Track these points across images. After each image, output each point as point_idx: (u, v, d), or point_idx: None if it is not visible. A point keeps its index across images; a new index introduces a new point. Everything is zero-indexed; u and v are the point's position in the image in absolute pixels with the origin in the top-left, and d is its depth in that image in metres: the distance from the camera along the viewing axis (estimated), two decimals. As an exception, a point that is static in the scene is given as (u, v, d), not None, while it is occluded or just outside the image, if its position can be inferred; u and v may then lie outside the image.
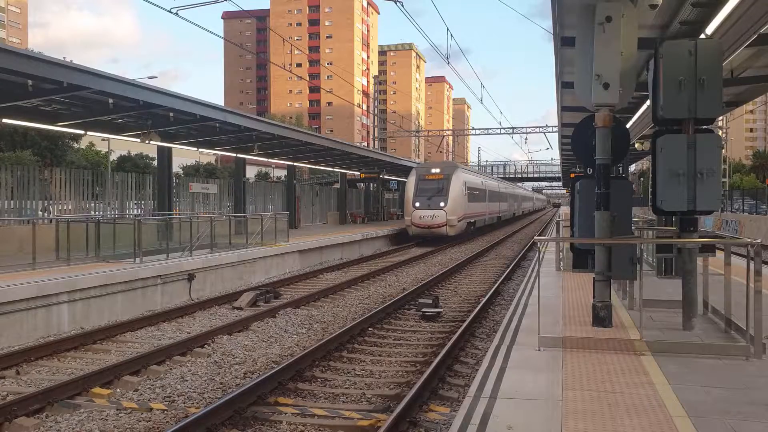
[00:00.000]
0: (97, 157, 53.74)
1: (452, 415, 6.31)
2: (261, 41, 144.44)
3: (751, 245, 6.52)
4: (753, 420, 4.74)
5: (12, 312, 10.18)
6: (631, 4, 7.39)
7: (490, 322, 11.80)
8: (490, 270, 20.39)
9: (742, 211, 39.00)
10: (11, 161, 32.26)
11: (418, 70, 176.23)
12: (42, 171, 20.00)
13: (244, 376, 8.28)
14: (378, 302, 13.96)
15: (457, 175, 31.68)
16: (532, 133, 64.35)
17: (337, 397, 7.42)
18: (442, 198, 30.46)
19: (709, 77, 7.09)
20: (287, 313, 12.54)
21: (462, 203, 31.63)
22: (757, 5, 8.47)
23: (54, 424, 6.58)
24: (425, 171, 32.28)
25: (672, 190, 7.17)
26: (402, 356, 9.39)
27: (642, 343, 6.76)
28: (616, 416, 4.82)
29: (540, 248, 9.61)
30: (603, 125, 7.50)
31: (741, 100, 16.45)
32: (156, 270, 13.56)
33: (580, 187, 8.27)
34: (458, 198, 31.17)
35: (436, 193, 30.60)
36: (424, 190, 31.04)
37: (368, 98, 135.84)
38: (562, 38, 10.63)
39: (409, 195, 31.43)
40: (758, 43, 10.14)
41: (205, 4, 19.26)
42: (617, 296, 9.85)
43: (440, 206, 30.18)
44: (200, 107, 16.71)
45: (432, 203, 30.37)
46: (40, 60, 12.10)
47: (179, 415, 6.77)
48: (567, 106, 17.82)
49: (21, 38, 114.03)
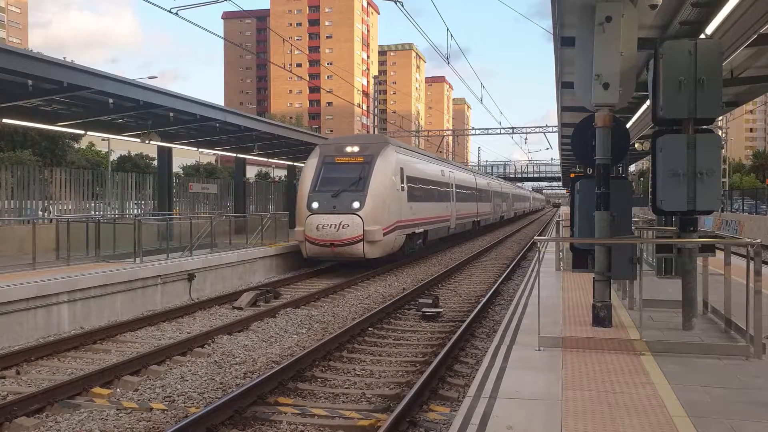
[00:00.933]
0: (97, 157, 53.78)
1: (452, 415, 6.31)
2: (261, 41, 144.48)
3: (751, 245, 6.52)
4: (753, 420, 4.74)
5: (12, 312, 10.18)
6: (631, 4, 7.40)
7: (490, 322, 11.80)
8: (489, 270, 20.39)
9: (742, 211, 38.97)
10: (11, 161, 32.27)
11: (418, 70, 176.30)
12: (42, 171, 20.01)
13: (244, 375, 8.28)
14: (378, 302, 13.97)
15: (386, 157, 19.28)
16: (532, 133, 64.50)
17: (337, 396, 7.42)
18: (358, 194, 18.22)
19: (709, 77, 7.09)
20: (287, 312, 12.54)
21: (394, 203, 19.27)
22: (757, 5, 8.48)
23: (54, 424, 6.58)
24: (334, 150, 19.79)
25: (672, 190, 7.17)
26: (402, 356, 9.40)
27: (642, 343, 6.76)
28: (615, 416, 4.83)
29: (540, 248, 9.61)
30: (603, 125, 7.51)
31: (741, 100, 16.46)
32: (156, 270, 13.56)
33: (580, 187, 8.27)
34: (387, 194, 18.86)
35: (348, 185, 18.53)
36: (328, 182, 18.89)
37: (368, 98, 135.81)
38: (562, 38, 10.64)
39: (303, 190, 19.15)
40: (758, 43, 10.14)
41: (205, 4, 19.30)
42: (617, 296, 9.85)
43: (353, 208, 17.98)
44: (200, 107, 16.71)
45: (340, 203, 18.21)
46: (40, 60, 12.10)
47: (179, 414, 6.77)
48: (567, 106, 17.83)
49: (21, 38, 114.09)
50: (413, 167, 22.36)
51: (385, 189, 18.87)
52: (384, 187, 18.86)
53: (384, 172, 19.07)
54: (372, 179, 18.66)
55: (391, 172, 19.44)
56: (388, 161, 19.46)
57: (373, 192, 18.42)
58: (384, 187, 18.87)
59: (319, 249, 18.21)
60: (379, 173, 18.89)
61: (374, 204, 18.31)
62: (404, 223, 20.28)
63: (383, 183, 18.92)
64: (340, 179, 18.87)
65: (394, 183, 19.48)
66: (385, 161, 19.28)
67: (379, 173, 18.88)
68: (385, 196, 18.79)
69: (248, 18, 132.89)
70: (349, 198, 18.30)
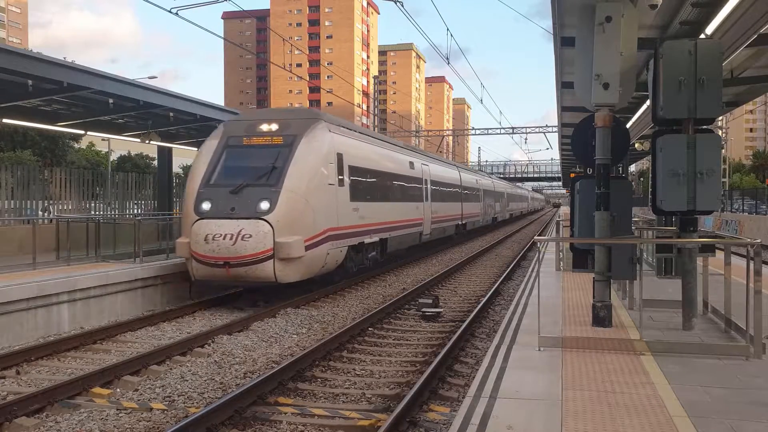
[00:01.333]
0: (97, 157, 53.83)
1: (452, 415, 6.30)
2: (261, 41, 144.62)
3: (751, 245, 6.52)
4: (753, 420, 4.74)
5: (13, 312, 10.18)
6: (631, 5, 7.40)
7: (490, 322, 11.80)
8: (489, 270, 20.39)
9: (742, 211, 38.97)
10: (11, 161, 32.28)
11: (418, 70, 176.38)
12: (42, 171, 20.01)
13: (244, 375, 8.28)
14: (378, 302, 13.96)
15: (314, 138, 13.85)
16: (532, 133, 64.57)
17: (337, 396, 7.42)
18: (268, 190, 12.78)
19: (708, 77, 7.09)
20: (287, 312, 12.53)
21: (324, 203, 13.75)
22: (757, 5, 8.48)
23: (54, 424, 6.58)
24: (244, 129, 14.23)
25: (672, 190, 7.18)
26: (402, 356, 9.40)
27: (642, 343, 6.76)
28: (615, 416, 4.83)
29: (540, 248, 9.62)
30: (603, 125, 7.51)
31: (741, 100, 16.46)
32: (156, 270, 13.54)
33: (580, 187, 8.28)
34: (313, 190, 13.44)
35: (255, 178, 13.10)
36: (228, 173, 13.45)
37: (368, 98, 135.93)
38: (562, 38, 10.64)
39: (192, 184, 13.55)
40: (758, 43, 10.14)
41: (205, 4, 19.28)
42: (617, 296, 9.86)
43: (259, 211, 12.56)
44: (200, 107, 16.71)
45: (241, 204, 12.71)
46: (40, 60, 12.11)
47: (179, 414, 6.77)
48: (567, 106, 17.83)
49: (21, 38, 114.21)
50: (360, 154, 16.40)
51: (310, 183, 13.21)
52: (308, 181, 13.19)
53: (309, 159, 13.35)
54: (290, 169, 12.93)
55: (322, 158, 13.70)
56: (317, 144, 13.71)
57: (290, 187, 12.73)
58: (309, 180, 13.20)
59: (208, 270, 12.53)
60: (303, 160, 13.19)
61: (291, 204, 12.65)
62: (344, 231, 14.60)
63: (308, 174, 13.21)
64: (245, 169, 13.23)
65: (324, 175, 13.70)
66: (311, 144, 13.51)
67: (301, 160, 13.17)
68: (309, 194, 13.10)
69: (248, 18, 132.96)
70: (255, 196, 12.65)
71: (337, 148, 14.64)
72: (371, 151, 18.14)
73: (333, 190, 14.18)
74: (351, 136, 16.58)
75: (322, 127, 14.24)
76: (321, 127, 14.21)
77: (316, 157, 13.63)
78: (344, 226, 14.74)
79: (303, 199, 13.00)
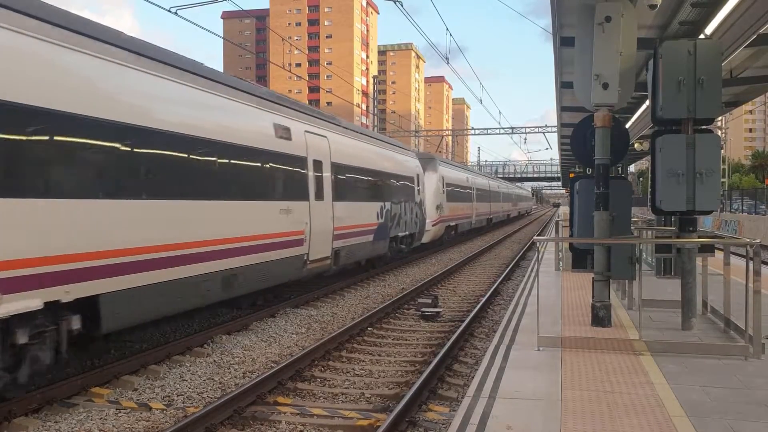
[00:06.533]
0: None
1: (451, 415, 6.30)
2: (261, 41, 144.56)
3: (750, 245, 6.53)
4: (752, 420, 4.74)
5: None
6: (631, 4, 7.41)
7: (489, 321, 11.80)
8: (489, 270, 20.39)
9: (741, 211, 39.01)
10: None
11: (417, 70, 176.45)
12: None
13: (243, 375, 8.28)
14: (377, 302, 13.95)
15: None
16: (531, 133, 64.46)
17: (336, 396, 7.42)
18: None
19: (708, 77, 7.10)
20: (286, 312, 12.52)
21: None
22: (756, 5, 8.49)
23: (53, 423, 6.58)
24: None
25: (671, 190, 7.18)
26: (401, 356, 9.39)
27: (641, 343, 6.76)
28: (615, 416, 4.83)
29: (539, 248, 9.62)
30: (602, 125, 7.52)
31: (740, 100, 16.47)
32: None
33: (580, 187, 8.28)
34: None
35: None
36: None
37: (367, 98, 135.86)
38: (561, 38, 10.65)
39: None
40: (758, 43, 10.15)
41: (205, 3, 19.30)
42: (616, 296, 9.86)
43: None
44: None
45: None
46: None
47: (178, 414, 6.77)
48: (566, 106, 17.83)
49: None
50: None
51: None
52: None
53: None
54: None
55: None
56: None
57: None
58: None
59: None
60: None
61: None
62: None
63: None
64: None
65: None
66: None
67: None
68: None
69: (248, 18, 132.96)
70: None
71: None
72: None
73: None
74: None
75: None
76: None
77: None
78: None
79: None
